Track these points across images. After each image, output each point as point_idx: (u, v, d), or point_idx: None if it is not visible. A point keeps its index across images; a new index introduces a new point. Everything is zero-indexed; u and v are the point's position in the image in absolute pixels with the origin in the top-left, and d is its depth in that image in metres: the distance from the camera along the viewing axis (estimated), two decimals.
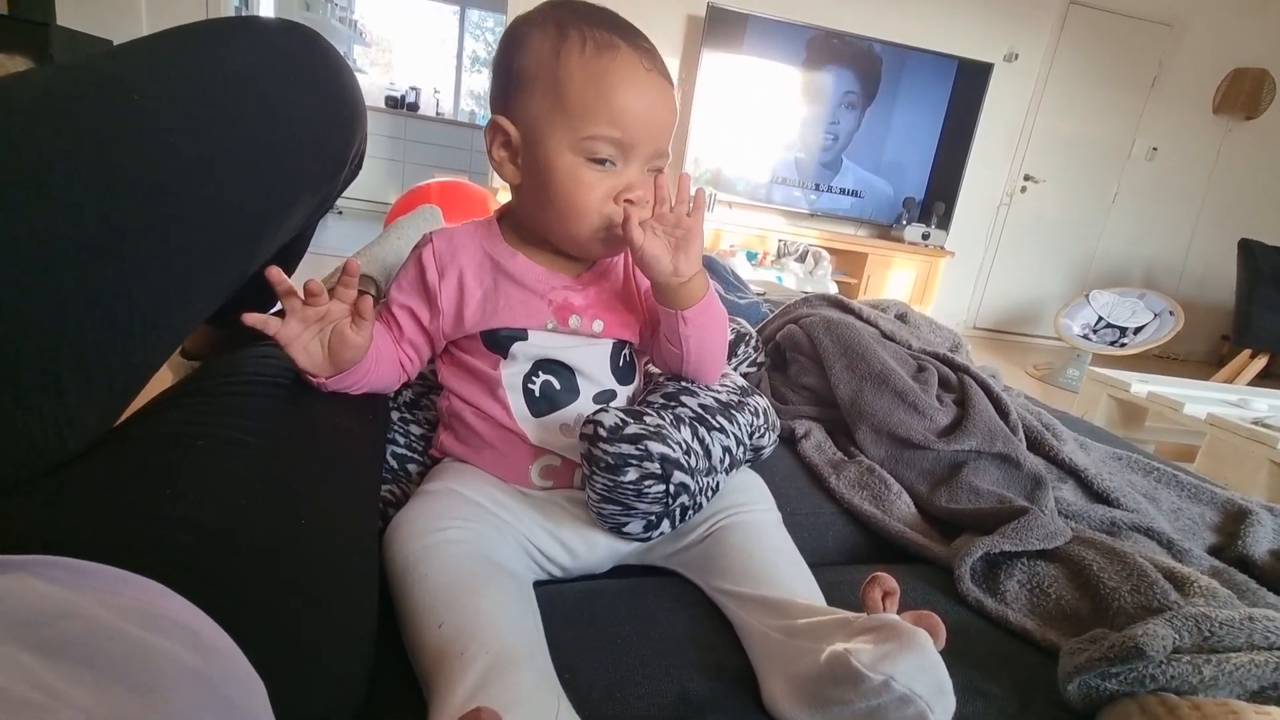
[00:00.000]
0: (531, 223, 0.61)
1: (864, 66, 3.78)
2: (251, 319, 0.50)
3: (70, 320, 0.39)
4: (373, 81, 6.18)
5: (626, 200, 0.56)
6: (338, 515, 0.47)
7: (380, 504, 0.60)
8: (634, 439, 0.52)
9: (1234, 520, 0.78)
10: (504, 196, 3.29)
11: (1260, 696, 0.47)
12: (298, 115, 0.54)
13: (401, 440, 0.69)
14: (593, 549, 0.60)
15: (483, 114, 6.60)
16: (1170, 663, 0.46)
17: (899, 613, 0.44)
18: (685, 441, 0.55)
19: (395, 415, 0.72)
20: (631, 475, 0.52)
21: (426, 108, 6.13)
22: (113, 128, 0.41)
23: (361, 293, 0.55)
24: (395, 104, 5.84)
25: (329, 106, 0.57)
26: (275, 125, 0.51)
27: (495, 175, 3.55)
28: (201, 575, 0.34)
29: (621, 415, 0.53)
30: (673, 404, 0.62)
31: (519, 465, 0.61)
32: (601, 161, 0.55)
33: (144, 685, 0.24)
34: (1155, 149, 4.32)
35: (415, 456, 0.69)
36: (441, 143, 5.81)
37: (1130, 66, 4.16)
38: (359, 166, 0.67)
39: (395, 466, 0.67)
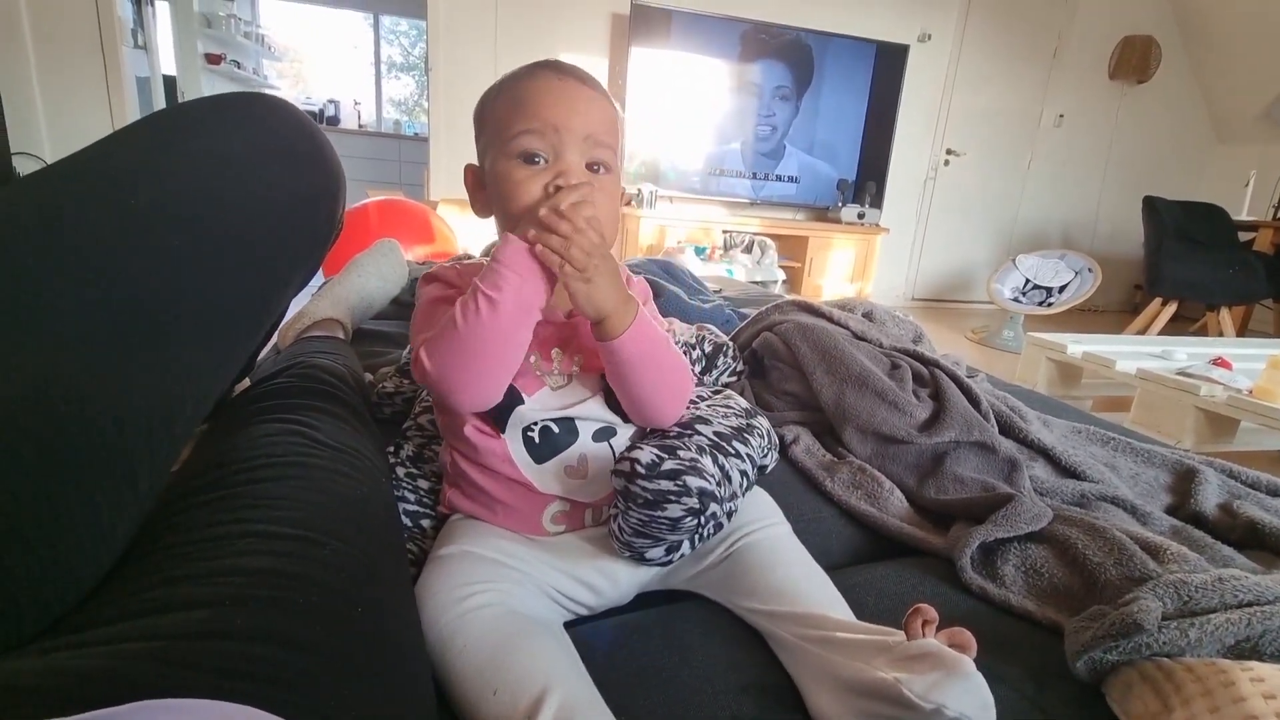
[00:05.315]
0: None
1: (790, 55, 3.88)
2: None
3: (96, 440, 0.38)
4: (285, 96, 5.92)
5: (555, 186, 0.57)
6: (385, 593, 0.47)
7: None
8: (672, 474, 0.54)
9: (1184, 480, 0.86)
10: (444, 210, 3.24)
11: (1235, 649, 0.53)
12: (287, 193, 0.53)
13: (412, 497, 0.69)
14: (615, 584, 0.62)
15: (408, 121, 6.42)
16: (1161, 630, 0.51)
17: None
18: (716, 472, 0.58)
19: (401, 471, 0.71)
20: (672, 511, 0.54)
21: (348, 120, 5.93)
22: (116, 240, 0.41)
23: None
24: (314, 119, 5.61)
25: (314, 178, 0.57)
26: (269, 207, 0.51)
27: (433, 187, 3.46)
28: (286, 685, 0.34)
29: (657, 451, 0.55)
30: (689, 432, 0.64)
31: (531, 516, 0.62)
32: (532, 159, 0.58)
33: None
34: (1062, 116, 4.60)
35: (428, 512, 0.69)
36: (369, 156, 5.63)
37: (1033, 39, 4.40)
38: (340, 228, 0.66)
39: (410, 525, 0.67)
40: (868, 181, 4.11)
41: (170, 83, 4.53)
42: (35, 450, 0.35)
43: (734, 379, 1.06)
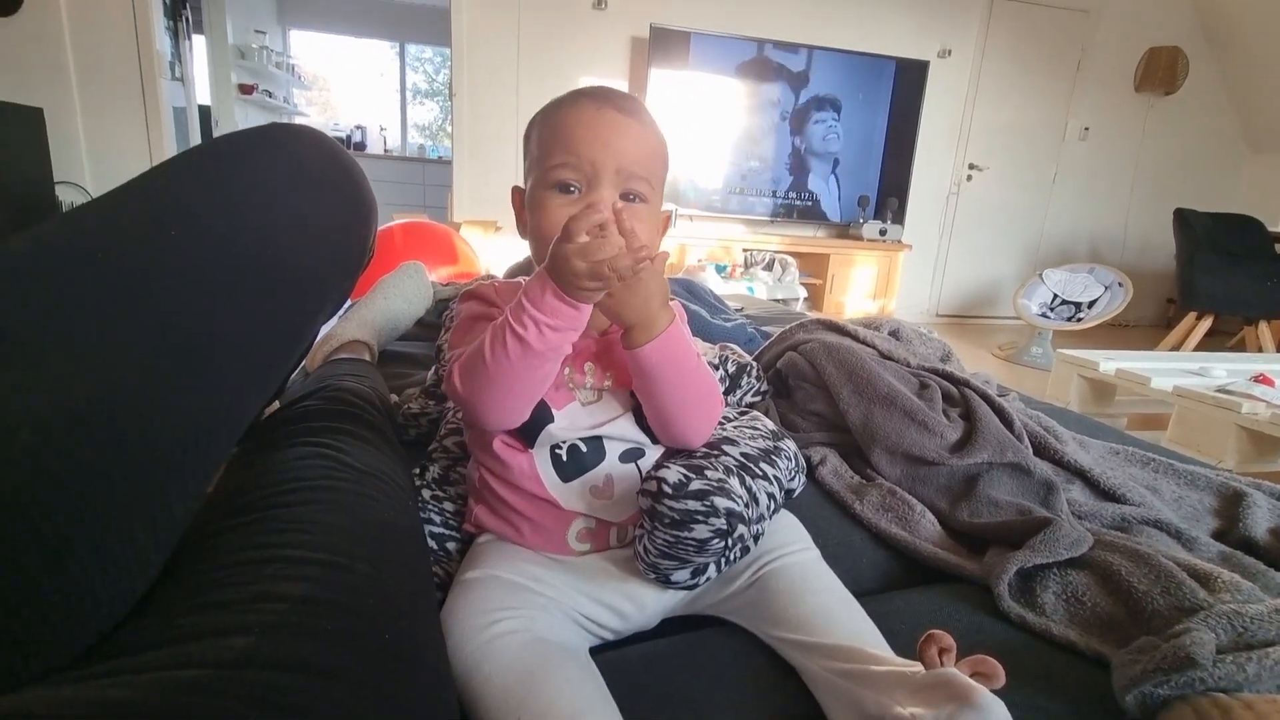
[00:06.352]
0: None
1: (808, 73, 3.89)
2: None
3: (132, 463, 0.39)
4: (314, 123, 6.10)
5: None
6: (412, 618, 0.47)
7: None
8: (699, 495, 0.53)
9: (1231, 503, 0.82)
10: (467, 232, 3.29)
11: None
12: (322, 223, 0.55)
13: (438, 519, 0.69)
14: (641, 608, 0.61)
15: (431, 145, 6.56)
16: (1217, 665, 0.49)
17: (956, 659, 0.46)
18: (744, 494, 0.57)
19: (427, 494, 0.71)
20: (699, 532, 0.53)
21: (374, 145, 6.08)
22: (157, 271, 0.42)
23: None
24: (342, 145, 5.77)
25: (348, 209, 0.58)
26: (304, 238, 0.52)
27: (456, 210, 3.52)
28: (316, 714, 0.34)
29: (684, 471, 0.54)
30: (716, 453, 0.63)
31: (557, 534, 0.61)
32: (567, 189, 0.59)
33: None
34: (1087, 129, 4.55)
35: (453, 534, 0.69)
36: (394, 179, 5.76)
37: (1055, 53, 4.37)
38: (372, 256, 0.68)
39: (435, 548, 0.67)
40: (889, 198, 4.09)
41: (205, 112, 4.69)
42: (73, 472, 0.36)
43: (758, 399, 1.05)
